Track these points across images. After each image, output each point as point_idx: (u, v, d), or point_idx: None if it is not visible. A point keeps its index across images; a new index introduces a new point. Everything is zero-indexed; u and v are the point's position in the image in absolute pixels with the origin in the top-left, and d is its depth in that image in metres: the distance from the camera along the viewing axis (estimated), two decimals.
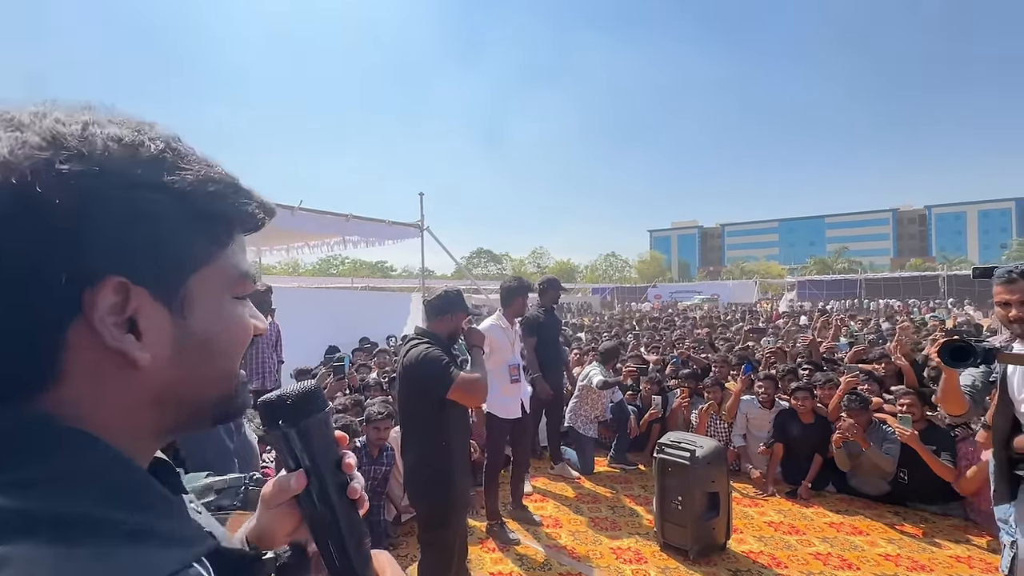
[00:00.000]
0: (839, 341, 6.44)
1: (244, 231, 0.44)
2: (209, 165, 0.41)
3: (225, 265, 0.42)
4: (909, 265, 49.58)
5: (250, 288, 0.45)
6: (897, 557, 3.16)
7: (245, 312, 0.45)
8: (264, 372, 4.48)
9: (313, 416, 0.50)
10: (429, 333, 2.36)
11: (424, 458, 2.27)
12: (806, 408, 4.12)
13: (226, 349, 0.43)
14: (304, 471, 0.50)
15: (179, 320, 0.39)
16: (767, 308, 19.62)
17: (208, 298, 0.41)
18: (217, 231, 0.41)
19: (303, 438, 0.49)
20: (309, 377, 4.41)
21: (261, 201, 0.45)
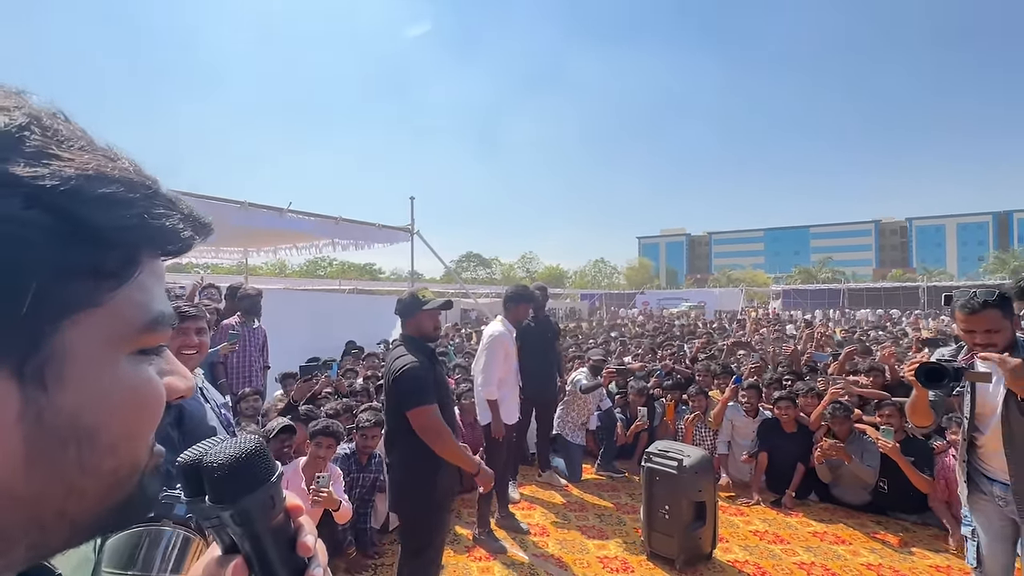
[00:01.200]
0: (821, 352, 6.54)
1: (159, 255, 0.31)
2: (108, 157, 0.28)
3: (125, 306, 0.28)
4: (890, 276, 50.52)
5: (166, 337, 0.32)
6: (879, 567, 3.20)
7: (154, 375, 0.31)
8: (251, 375, 4.41)
9: (256, 492, 0.37)
10: (413, 340, 2.36)
11: (406, 461, 2.27)
12: (789, 417, 4.18)
13: (123, 434, 0.29)
14: (244, 559, 0.38)
15: (37, 398, 0.25)
16: (754, 315, 19.87)
17: (95, 359, 0.27)
18: (112, 256, 0.27)
19: (242, 522, 0.37)
20: (296, 380, 4.36)
21: (188, 213, 0.32)
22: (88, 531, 0.30)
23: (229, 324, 4.38)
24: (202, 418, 1.63)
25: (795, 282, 44.69)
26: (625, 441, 4.85)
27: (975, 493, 2.15)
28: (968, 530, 2.17)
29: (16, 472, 0.25)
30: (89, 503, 0.28)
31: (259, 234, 8.24)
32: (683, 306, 30.26)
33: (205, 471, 0.37)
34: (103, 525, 0.31)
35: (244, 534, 0.38)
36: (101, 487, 0.29)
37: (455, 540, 3.45)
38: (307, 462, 2.94)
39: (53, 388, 0.26)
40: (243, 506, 0.37)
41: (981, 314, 1.95)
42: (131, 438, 0.30)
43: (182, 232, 0.31)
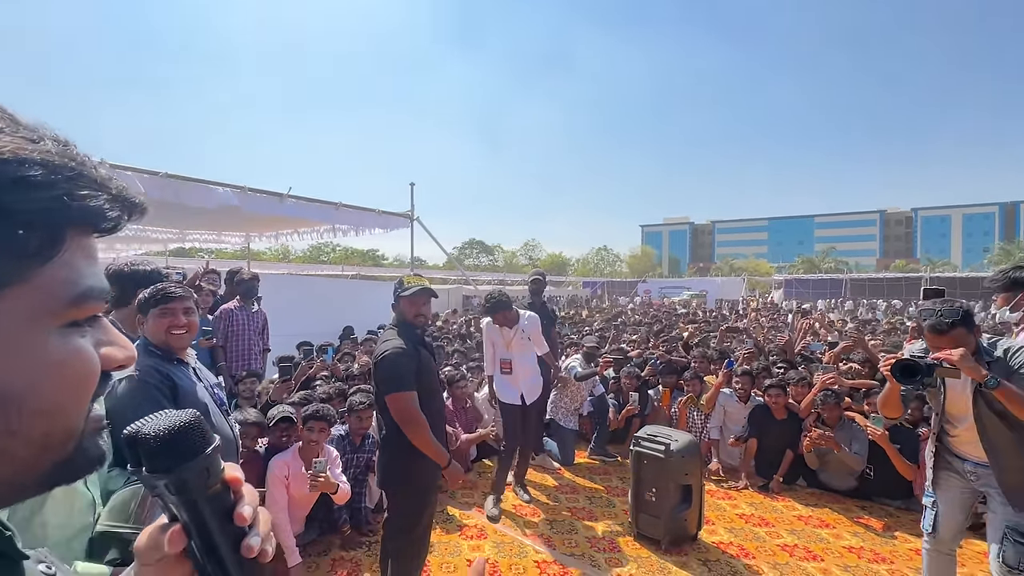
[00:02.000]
0: (817, 342, 6.58)
1: (89, 231, 0.33)
2: (29, 139, 0.29)
3: (51, 282, 0.30)
4: (894, 266, 50.33)
5: (98, 308, 0.34)
6: (860, 549, 3.29)
7: (85, 345, 0.33)
8: (250, 358, 4.49)
9: (191, 461, 0.39)
10: (405, 325, 2.40)
11: (392, 443, 2.32)
12: (779, 405, 4.24)
13: (53, 403, 0.31)
14: (183, 527, 0.40)
15: None
16: (754, 304, 19.89)
17: (21, 332, 0.29)
18: (33, 235, 0.29)
19: (178, 490, 0.39)
20: (290, 363, 4.44)
21: (117, 193, 0.33)
22: (27, 489, 0.32)
23: (228, 308, 4.44)
24: (193, 395, 1.70)
25: (798, 272, 44.56)
26: (617, 426, 4.93)
27: (944, 471, 2.36)
28: (929, 500, 2.40)
29: None
30: (20, 464, 0.30)
31: (260, 219, 8.29)
32: (685, 295, 30.28)
33: (140, 442, 0.39)
34: (41, 484, 0.32)
35: (181, 502, 0.40)
36: (31, 450, 0.30)
37: (447, 519, 3.54)
38: (302, 446, 3.01)
39: None
40: (178, 476, 0.39)
41: (949, 334, 2.11)
42: (62, 404, 0.31)
43: (108, 212, 0.32)
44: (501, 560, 3.06)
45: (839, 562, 3.14)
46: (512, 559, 3.08)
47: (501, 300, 3.80)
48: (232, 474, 0.43)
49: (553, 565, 3.02)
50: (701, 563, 3.08)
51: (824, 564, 3.11)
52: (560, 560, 3.07)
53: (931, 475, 2.40)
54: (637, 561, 3.08)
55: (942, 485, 2.36)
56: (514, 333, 3.85)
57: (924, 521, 2.41)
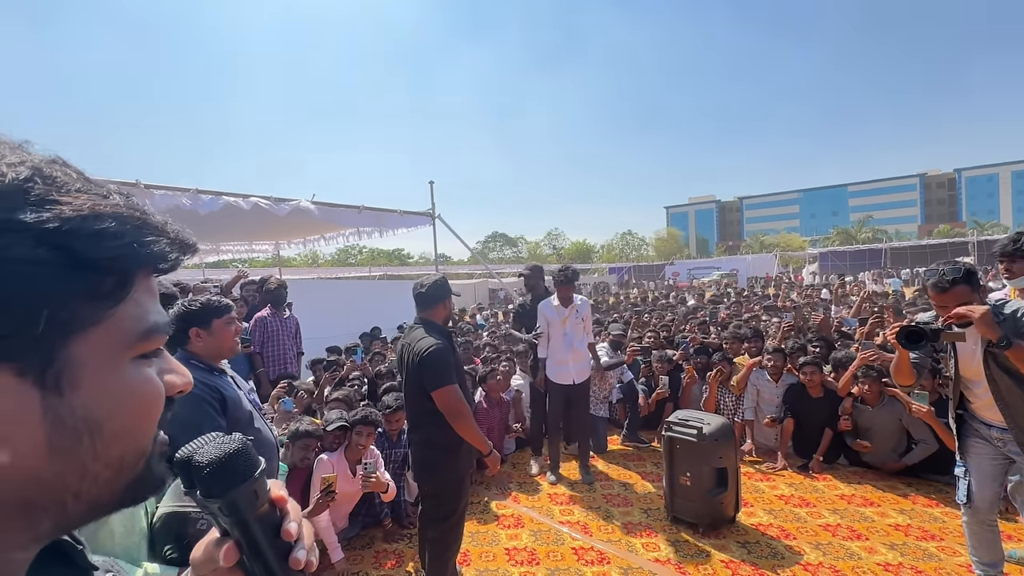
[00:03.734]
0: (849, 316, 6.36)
1: (151, 272, 0.36)
2: (101, 195, 0.33)
3: (124, 320, 0.34)
4: (937, 232, 47.86)
5: (161, 342, 0.37)
6: (907, 527, 3.20)
7: (153, 375, 0.37)
8: (285, 362, 4.65)
9: (240, 486, 0.43)
10: (432, 323, 2.46)
11: (430, 438, 2.40)
12: (814, 382, 4.13)
13: (129, 426, 0.35)
14: (236, 544, 0.44)
15: (55, 401, 0.31)
16: (786, 282, 19.30)
17: (102, 366, 0.33)
18: (107, 280, 0.32)
19: (230, 512, 0.43)
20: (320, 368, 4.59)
21: (175, 236, 0.36)
22: (104, 508, 0.36)
23: (261, 316, 4.61)
24: (239, 404, 1.79)
25: (833, 244, 42.93)
26: (648, 411, 4.91)
27: (971, 438, 2.36)
28: (961, 471, 2.39)
29: (41, 461, 0.30)
30: (101, 485, 0.34)
31: (288, 227, 8.53)
32: (715, 275, 29.62)
33: (194, 469, 0.42)
34: (118, 503, 0.36)
35: (233, 522, 0.43)
36: (111, 471, 0.34)
37: (484, 510, 3.62)
38: (349, 448, 3.13)
39: (68, 392, 0.31)
40: (229, 499, 0.42)
41: (950, 291, 2.12)
42: (135, 429, 0.35)
43: (169, 254, 0.36)
44: (539, 548, 3.11)
45: (885, 540, 3.06)
46: (550, 546, 3.12)
47: (575, 273, 4.10)
48: (278, 493, 0.47)
49: (590, 551, 3.05)
50: (740, 545, 3.05)
51: (869, 543, 3.04)
52: (597, 546, 3.10)
53: (958, 443, 2.39)
54: (675, 545, 3.08)
55: (971, 453, 2.35)
56: (569, 312, 4.04)
57: (959, 492, 2.39)
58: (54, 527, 0.34)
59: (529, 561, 2.98)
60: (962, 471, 2.38)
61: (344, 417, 3.22)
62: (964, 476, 2.37)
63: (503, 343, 6.60)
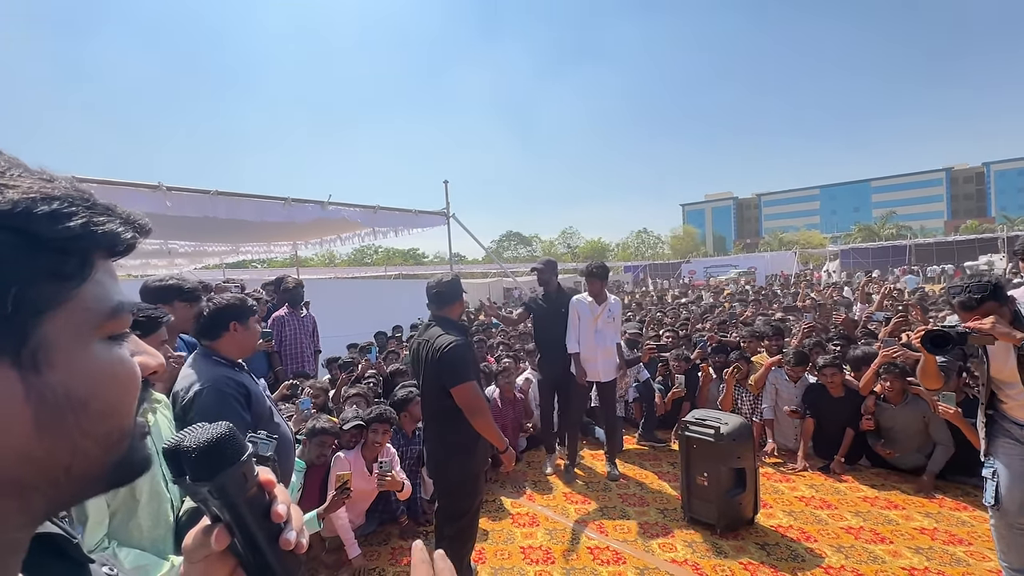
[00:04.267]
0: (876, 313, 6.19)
1: (107, 255, 0.36)
2: (45, 179, 0.33)
3: (88, 300, 0.34)
4: (964, 228, 46.44)
5: (127, 323, 0.37)
6: (934, 531, 3.11)
7: (124, 354, 0.37)
8: (302, 360, 4.72)
9: (228, 470, 0.44)
10: (450, 321, 2.47)
11: (446, 435, 2.41)
12: (835, 383, 4.05)
13: (110, 403, 0.35)
14: (226, 527, 0.45)
15: (34, 379, 0.31)
16: (806, 280, 18.94)
17: (72, 344, 0.33)
18: (69, 260, 0.33)
19: (219, 495, 0.44)
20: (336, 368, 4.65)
21: (127, 217, 0.37)
22: (93, 487, 0.36)
23: (279, 315, 4.68)
24: (262, 399, 1.83)
25: (855, 241, 41.96)
26: (665, 410, 4.86)
27: (1001, 438, 2.30)
28: (989, 471, 2.33)
29: (31, 439, 0.31)
30: (90, 462, 0.35)
31: (305, 227, 8.65)
32: (732, 273, 29.22)
33: (183, 454, 0.43)
34: (106, 481, 0.37)
35: (223, 505, 0.44)
36: (99, 449, 0.35)
37: (498, 508, 3.62)
38: (365, 447, 3.16)
39: (46, 371, 0.32)
40: (219, 482, 0.43)
41: (978, 310, 2.10)
42: (117, 407, 0.36)
43: (123, 234, 0.36)
44: (555, 546, 3.10)
45: (910, 544, 2.99)
46: (565, 545, 3.11)
47: (604, 268, 4.13)
48: (266, 477, 0.48)
49: (606, 551, 3.03)
50: (759, 547, 3.01)
51: (894, 546, 2.97)
52: (613, 546, 3.08)
53: (985, 444, 2.33)
54: (692, 546, 3.04)
55: (1001, 454, 2.30)
56: (602, 310, 4.06)
57: (986, 494, 2.32)
58: (47, 505, 0.34)
59: (544, 560, 2.98)
60: (991, 472, 2.32)
61: (360, 416, 3.26)
62: (993, 478, 2.30)
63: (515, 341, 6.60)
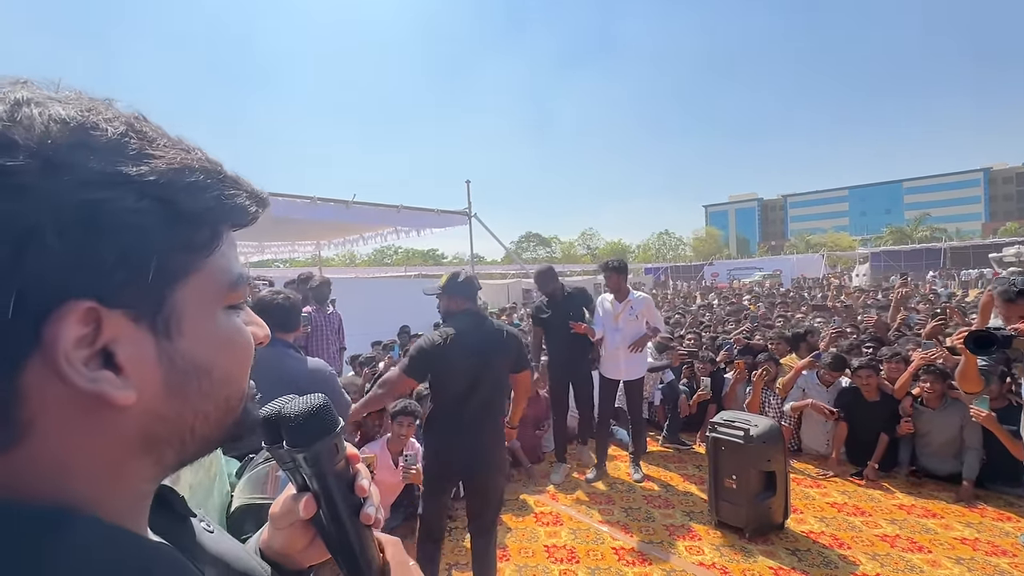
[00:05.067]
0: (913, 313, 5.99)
1: (234, 227, 0.37)
2: (185, 150, 0.34)
3: (215, 271, 0.35)
4: (1003, 230, 44.59)
5: (245, 294, 0.39)
6: (975, 541, 2.98)
7: (241, 323, 0.39)
8: (327, 357, 4.78)
9: (323, 439, 0.45)
10: (475, 314, 2.50)
11: (498, 423, 2.48)
12: (870, 386, 3.92)
13: (229, 370, 0.37)
14: (314, 496, 0.47)
15: (166, 344, 0.32)
16: (836, 283, 18.42)
17: (200, 313, 0.34)
18: (202, 231, 0.34)
19: (312, 463, 0.45)
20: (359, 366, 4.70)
21: (252, 190, 0.37)
22: (213, 444, 0.38)
23: (306, 313, 4.76)
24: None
25: (886, 244, 40.70)
26: (690, 412, 4.78)
27: None
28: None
29: (160, 399, 0.33)
30: (212, 423, 0.37)
31: (329, 226, 8.80)
32: (756, 276, 28.63)
33: (283, 421, 0.45)
34: (223, 439, 0.39)
35: (313, 474, 0.46)
36: (219, 410, 0.37)
37: (521, 506, 3.61)
38: (391, 439, 3.19)
39: (176, 337, 0.33)
40: (315, 450, 0.45)
41: (1017, 302, 2.08)
42: (235, 373, 0.38)
43: (249, 207, 0.37)
44: (579, 546, 3.08)
45: (950, 554, 2.87)
46: (589, 545, 3.09)
47: (618, 264, 4.05)
48: (353, 451, 0.49)
49: (631, 552, 2.99)
50: (790, 552, 2.93)
51: (932, 556, 2.86)
52: (639, 547, 3.04)
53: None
54: (719, 550, 2.98)
55: None
56: (623, 308, 3.99)
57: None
58: (177, 461, 0.37)
59: (569, 559, 2.95)
60: None
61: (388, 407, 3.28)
62: None
63: None
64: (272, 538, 0.50)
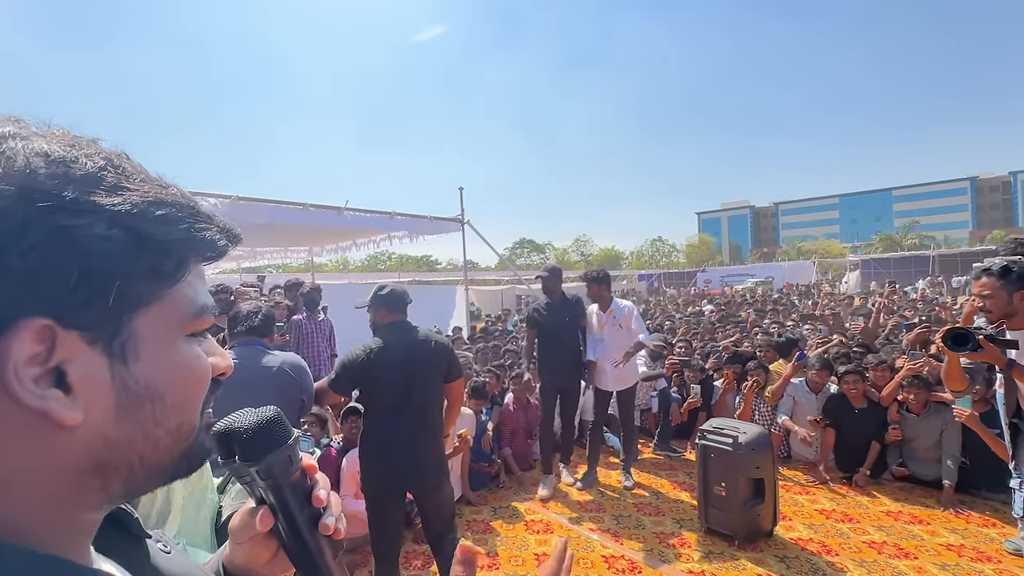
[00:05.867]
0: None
1: (203, 260, 0.39)
2: (161, 186, 0.36)
3: (179, 299, 0.36)
4: (990, 238, 45.21)
5: (210, 323, 0.40)
6: (961, 547, 3.02)
7: (202, 352, 0.39)
8: (319, 364, 4.77)
9: (275, 451, 0.45)
10: (406, 323, 2.55)
11: (438, 431, 2.51)
12: (857, 392, 3.96)
13: (184, 397, 0.37)
14: (270, 508, 0.47)
15: (121, 368, 0.33)
16: (827, 290, 18.59)
17: (159, 340, 0.35)
18: (168, 261, 0.35)
19: (266, 476, 0.45)
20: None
21: (223, 226, 0.39)
22: (162, 474, 0.38)
23: (296, 319, 4.75)
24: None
25: (876, 251, 41.13)
26: (680, 420, 4.80)
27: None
28: (1016, 483, 2.29)
29: (110, 423, 0.33)
30: (162, 450, 0.37)
31: (321, 232, 8.78)
32: (749, 282, 28.83)
33: (235, 435, 0.45)
34: (174, 471, 0.39)
35: (268, 487, 0.46)
36: (170, 439, 0.37)
37: (512, 514, 3.60)
38: None
39: (132, 361, 0.34)
40: (267, 462, 0.45)
41: (983, 279, 2.15)
42: (189, 400, 0.38)
43: (219, 241, 0.39)
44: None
45: (936, 560, 2.90)
46: (580, 553, 3.08)
47: (598, 274, 4.05)
48: (309, 462, 0.50)
49: (621, 560, 2.99)
50: (778, 559, 2.94)
51: (919, 562, 2.88)
52: (629, 555, 3.04)
53: (1011, 451, 2.31)
54: (709, 557, 2.99)
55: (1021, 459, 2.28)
56: (607, 318, 3.99)
57: (1015, 506, 2.29)
58: (123, 489, 0.36)
59: None
60: (1018, 483, 2.29)
61: (357, 407, 3.29)
62: (1020, 488, 2.28)
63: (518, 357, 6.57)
64: (233, 553, 0.51)
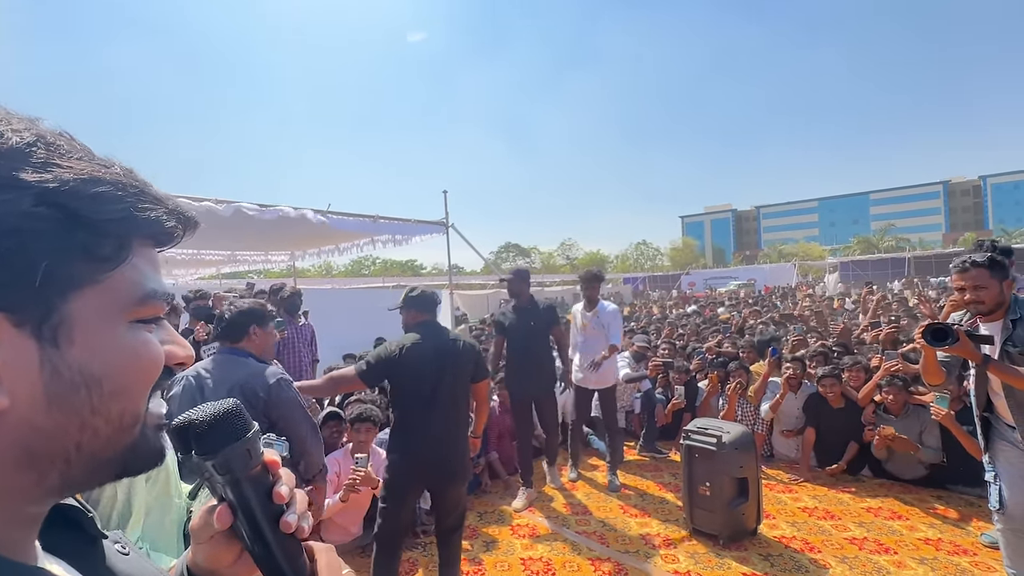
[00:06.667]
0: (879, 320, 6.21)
1: (152, 244, 0.37)
2: (103, 165, 0.34)
3: (121, 284, 0.34)
4: (962, 240, 46.61)
5: (160, 310, 0.38)
6: (938, 541, 3.08)
7: (152, 339, 0.37)
8: (301, 369, 4.69)
9: (233, 444, 0.43)
10: (432, 324, 2.60)
11: (464, 431, 2.56)
12: (834, 394, 4.03)
13: (125, 383, 0.35)
14: (228, 505, 0.44)
15: (52, 352, 0.31)
16: (808, 291, 18.96)
17: (97, 324, 0.33)
18: (106, 242, 0.33)
19: (224, 471, 0.43)
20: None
21: (173, 208, 0.37)
22: (105, 467, 0.36)
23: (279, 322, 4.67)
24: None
25: (854, 253, 42.09)
26: (665, 421, 4.82)
27: (998, 441, 2.30)
28: (991, 476, 2.31)
29: (39, 409, 0.31)
30: (103, 440, 0.34)
31: (303, 237, 8.66)
32: (731, 285, 29.25)
33: (191, 428, 0.43)
34: (120, 467, 0.37)
35: (226, 482, 0.44)
36: (110, 427, 0.35)
37: (499, 518, 3.57)
38: (353, 447, 3.13)
39: (64, 345, 0.32)
40: (224, 456, 0.43)
41: (967, 273, 2.16)
42: (131, 388, 0.36)
43: (166, 222, 0.37)
44: (555, 558, 3.06)
45: (915, 555, 2.95)
46: (566, 556, 3.07)
47: (593, 274, 4.11)
48: (270, 457, 0.47)
49: (607, 562, 2.98)
50: (762, 558, 2.96)
51: (898, 557, 2.93)
52: (615, 557, 3.03)
53: (983, 444, 2.34)
54: (694, 557, 3.00)
55: (1000, 457, 2.30)
56: (592, 317, 4.02)
57: (991, 499, 2.31)
58: (62, 481, 0.34)
59: (545, 571, 2.93)
60: (992, 476, 2.32)
61: (341, 413, 3.24)
62: (995, 481, 2.30)
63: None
64: (196, 554, 0.49)
